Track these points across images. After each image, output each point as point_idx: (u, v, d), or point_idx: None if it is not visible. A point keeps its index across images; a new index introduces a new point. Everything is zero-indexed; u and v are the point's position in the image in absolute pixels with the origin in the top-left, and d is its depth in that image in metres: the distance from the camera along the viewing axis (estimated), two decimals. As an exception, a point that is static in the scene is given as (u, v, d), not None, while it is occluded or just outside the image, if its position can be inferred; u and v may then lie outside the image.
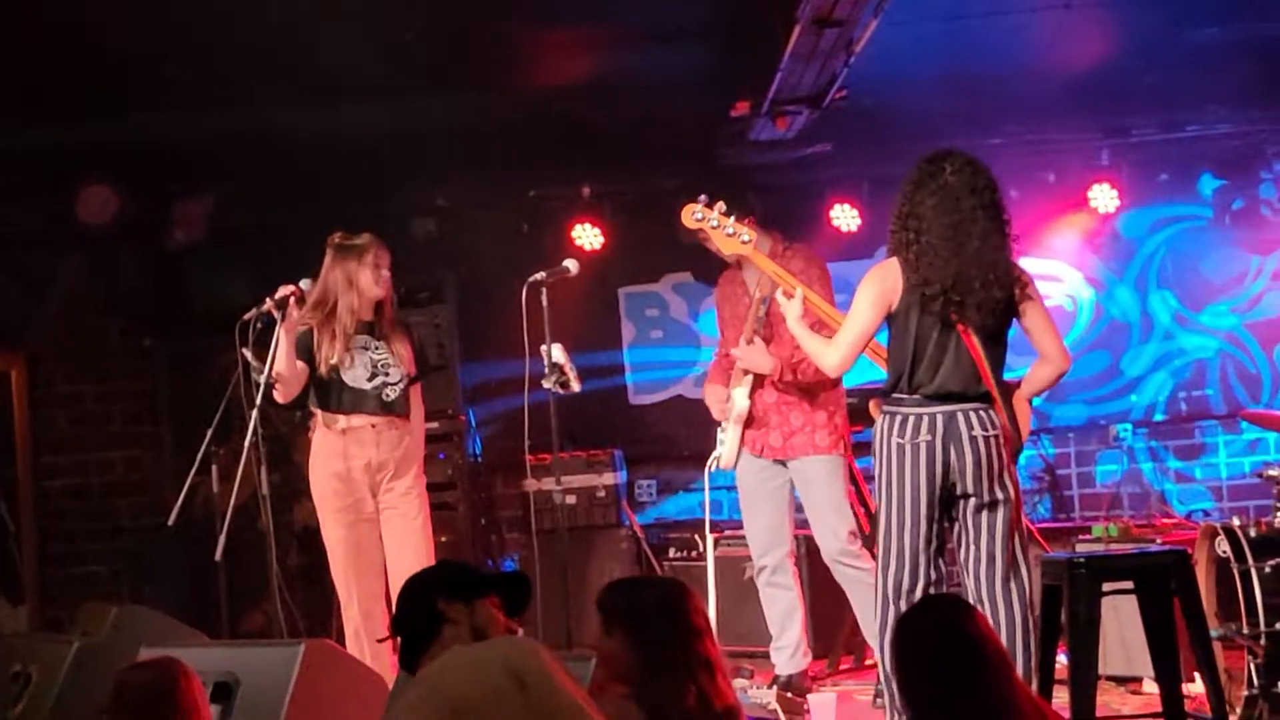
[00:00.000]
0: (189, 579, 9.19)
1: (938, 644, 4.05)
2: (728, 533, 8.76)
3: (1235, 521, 6.57)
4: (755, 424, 7.38)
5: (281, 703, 5.92)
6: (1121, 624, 6.81)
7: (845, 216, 9.76)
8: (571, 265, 7.22)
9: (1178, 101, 9.44)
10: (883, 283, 5.88)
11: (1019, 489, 5.99)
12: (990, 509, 5.85)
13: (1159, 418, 10.17)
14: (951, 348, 5.81)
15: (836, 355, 5.98)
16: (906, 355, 5.85)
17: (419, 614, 4.19)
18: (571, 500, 9.02)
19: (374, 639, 7.05)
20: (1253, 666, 6.30)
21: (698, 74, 8.57)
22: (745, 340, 7.26)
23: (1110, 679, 7.14)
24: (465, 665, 3.83)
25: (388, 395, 7.18)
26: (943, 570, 5.92)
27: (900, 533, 5.86)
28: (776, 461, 7.40)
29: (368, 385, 7.15)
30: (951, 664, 3.99)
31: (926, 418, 5.81)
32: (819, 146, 9.24)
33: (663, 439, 10.27)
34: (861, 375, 6.95)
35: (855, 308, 5.94)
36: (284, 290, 6.95)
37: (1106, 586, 5.76)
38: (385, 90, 8.47)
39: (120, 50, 7.69)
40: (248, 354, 7.01)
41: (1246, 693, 6.31)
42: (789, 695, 7.09)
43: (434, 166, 9.38)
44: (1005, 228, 5.88)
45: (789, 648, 7.49)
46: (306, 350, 7.14)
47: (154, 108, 8.43)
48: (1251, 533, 6.45)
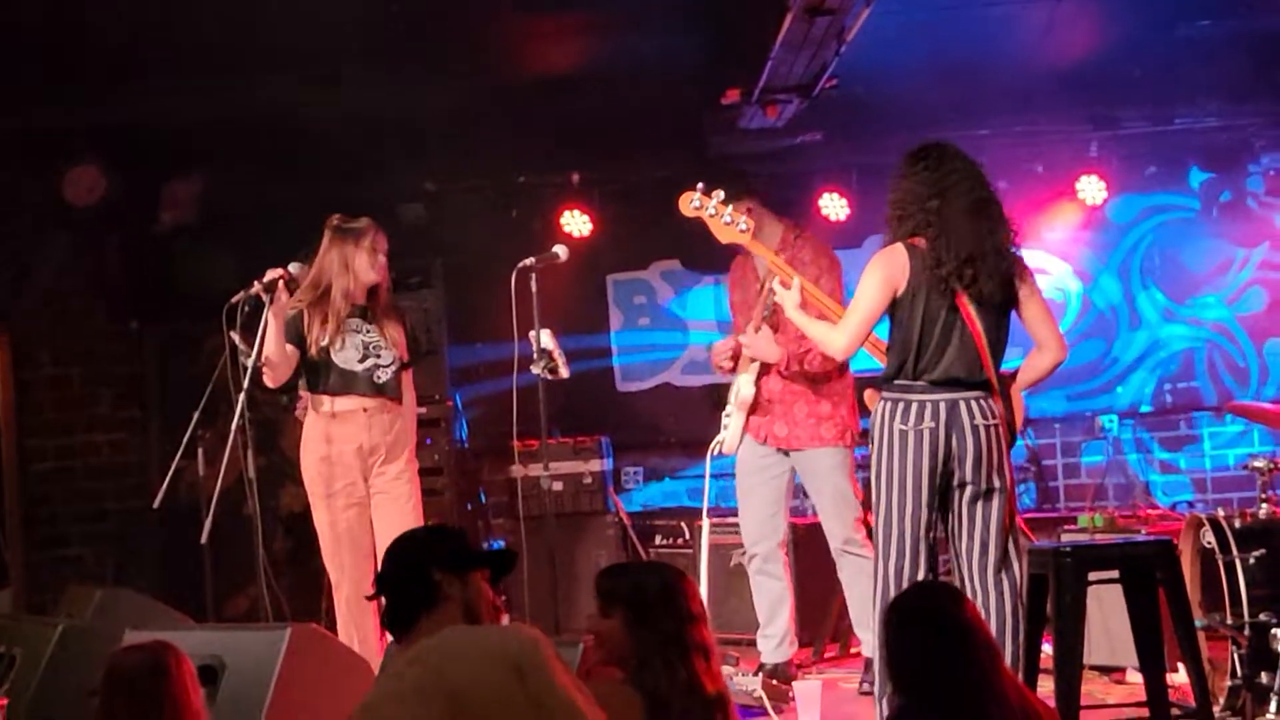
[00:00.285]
0: (174, 563, 9.19)
1: (928, 629, 4.08)
2: (715, 520, 8.76)
3: (1220, 513, 6.60)
4: (760, 410, 7.37)
5: (267, 687, 5.91)
6: (1106, 614, 6.83)
7: (834, 205, 9.76)
8: (561, 251, 7.20)
9: (1167, 94, 9.45)
10: (889, 267, 5.87)
11: (1013, 479, 6.00)
12: (986, 498, 5.85)
13: (1145, 409, 10.18)
14: (957, 333, 5.81)
15: (844, 338, 5.97)
16: (912, 340, 5.83)
17: (412, 581, 4.10)
18: (558, 487, 9.02)
19: (364, 625, 7.04)
20: (1236, 657, 6.32)
21: (689, 61, 8.58)
22: (753, 328, 7.23)
23: (1094, 668, 7.15)
24: (466, 651, 3.81)
25: (379, 377, 7.15)
26: (940, 557, 5.93)
27: (901, 520, 5.85)
28: (780, 450, 7.41)
29: (358, 367, 7.12)
30: (940, 650, 4.02)
31: (930, 405, 5.81)
32: (809, 135, 9.24)
33: (650, 426, 10.28)
34: (859, 364, 6.96)
35: (861, 291, 5.92)
36: (272, 274, 6.92)
37: (1092, 576, 5.77)
38: (376, 75, 8.45)
39: (110, 30, 7.67)
40: (235, 337, 6.99)
41: (1230, 683, 6.33)
42: (775, 683, 7.10)
43: (423, 151, 9.36)
44: (1008, 220, 5.93)
45: (776, 636, 7.49)
46: (297, 333, 7.10)
47: (143, 89, 8.41)
48: (1236, 524, 6.47)
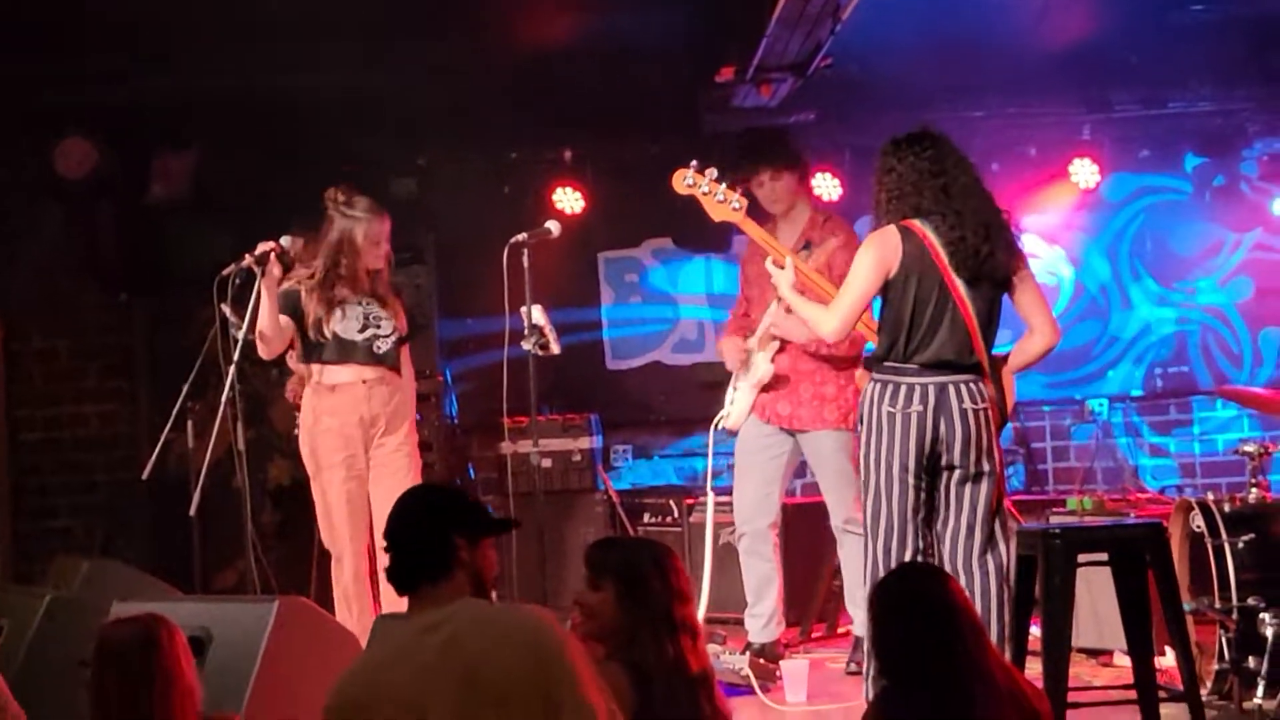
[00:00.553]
0: (162, 535, 9.16)
1: (914, 610, 4.08)
2: (703, 500, 8.76)
3: (1210, 497, 6.61)
4: (765, 388, 7.37)
5: (254, 659, 5.91)
6: (1094, 597, 6.83)
7: (827, 185, 9.72)
8: (553, 227, 7.19)
9: (1160, 78, 9.42)
10: (882, 249, 5.87)
11: (1002, 462, 6.01)
12: (974, 481, 5.87)
13: (1135, 393, 10.18)
14: (948, 315, 5.82)
15: (835, 320, 5.96)
16: (903, 321, 5.84)
17: (430, 542, 3.97)
18: (547, 464, 9.00)
19: (363, 599, 7.04)
20: (1224, 641, 6.33)
21: (683, 39, 8.55)
22: (784, 308, 7.13)
23: (1081, 651, 7.16)
24: (487, 630, 3.76)
25: (378, 348, 7.14)
26: (930, 537, 5.94)
27: (889, 500, 5.89)
28: (783, 430, 7.40)
29: (358, 337, 7.12)
30: (927, 630, 4.01)
31: (919, 388, 5.82)
32: (802, 115, 9.20)
33: (639, 405, 10.26)
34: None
35: (854, 273, 5.92)
36: (264, 246, 6.91)
37: (1081, 558, 5.77)
38: (369, 49, 8.43)
39: (105, 4, 7.65)
40: (226, 310, 6.98)
41: (1217, 667, 6.35)
42: (762, 662, 7.11)
43: (415, 127, 9.33)
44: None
45: (763, 616, 7.50)
46: (294, 307, 7.10)
47: (136, 62, 8.38)
48: (1226, 508, 6.49)
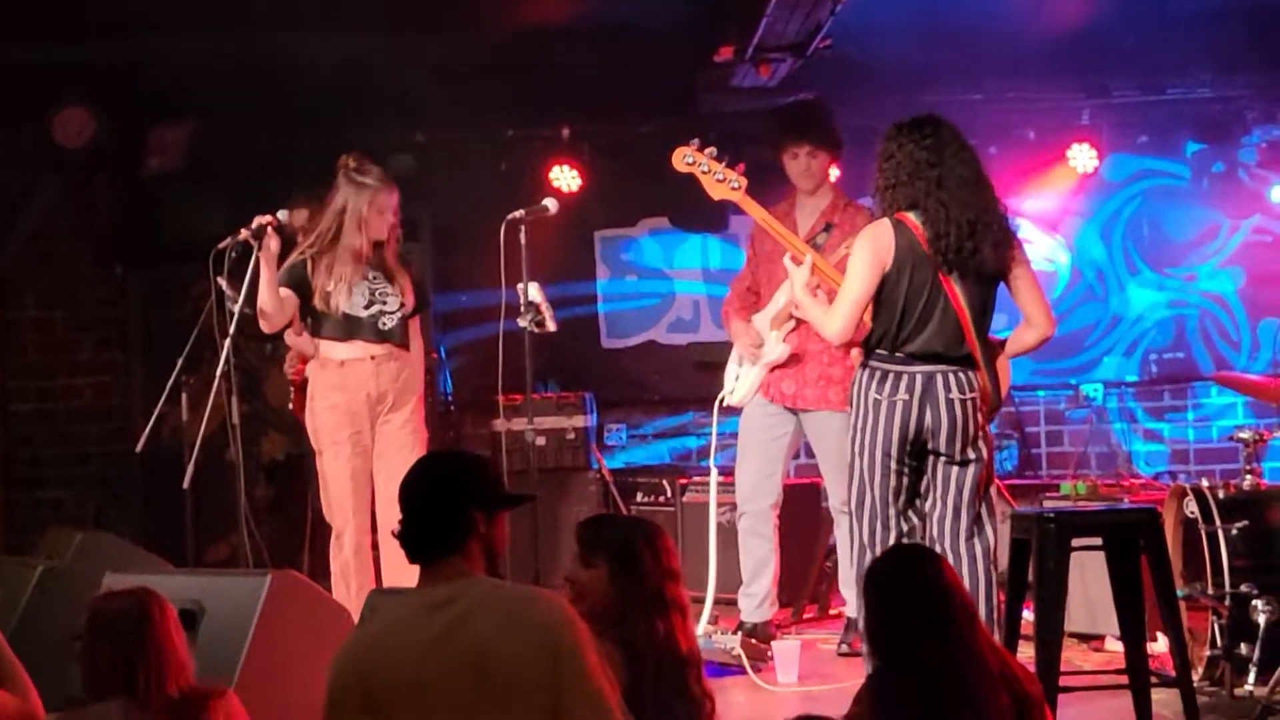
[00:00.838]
0: (155, 507, 9.17)
1: (905, 592, 4.07)
2: (700, 480, 8.77)
3: (1204, 483, 6.61)
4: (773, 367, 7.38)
5: (246, 632, 5.91)
6: (1086, 582, 6.84)
7: (824, 166, 9.71)
8: (551, 204, 7.18)
9: (1159, 64, 9.41)
10: (876, 244, 5.87)
11: (991, 449, 6.02)
12: (961, 466, 5.89)
13: (1130, 378, 10.17)
14: (939, 308, 5.82)
15: (837, 324, 5.96)
16: (895, 312, 5.85)
17: (447, 513, 3.88)
18: (541, 442, 8.98)
19: (363, 575, 7.04)
20: (1216, 627, 6.34)
21: (682, 18, 8.52)
22: (810, 291, 7.08)
23: (1073, 636, 7.16)
24: (497, 612, 3.72)
25: (384, 324, 7.13)
26: (915, 521, 5.95)
27: (872, 485, 5.93)
28: (786, 409, 7.39)
29: (364, 313, 7.10)
30: (918, 612, 4.01)
31: (906, 377, 5.83)
32: (801, 96, 9.19)
33: (634, 384, 10.25)
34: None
35: (850, 273, 5.94)
36: (260, 220, 6.89)
37: (1075, 543, 5.77)
38: (368, 24, 8.40)
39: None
40: (222, 283, 6.96)
41: (1209, 653, 6.36)
42: (754, 642, 7.12)
43: (414, 102, 9.30)
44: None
45: (757, 596, 7.51)
46: (301, 280, 7.09)
47: (135, 31, 8.35)
48: (1220, 494, 6.50)
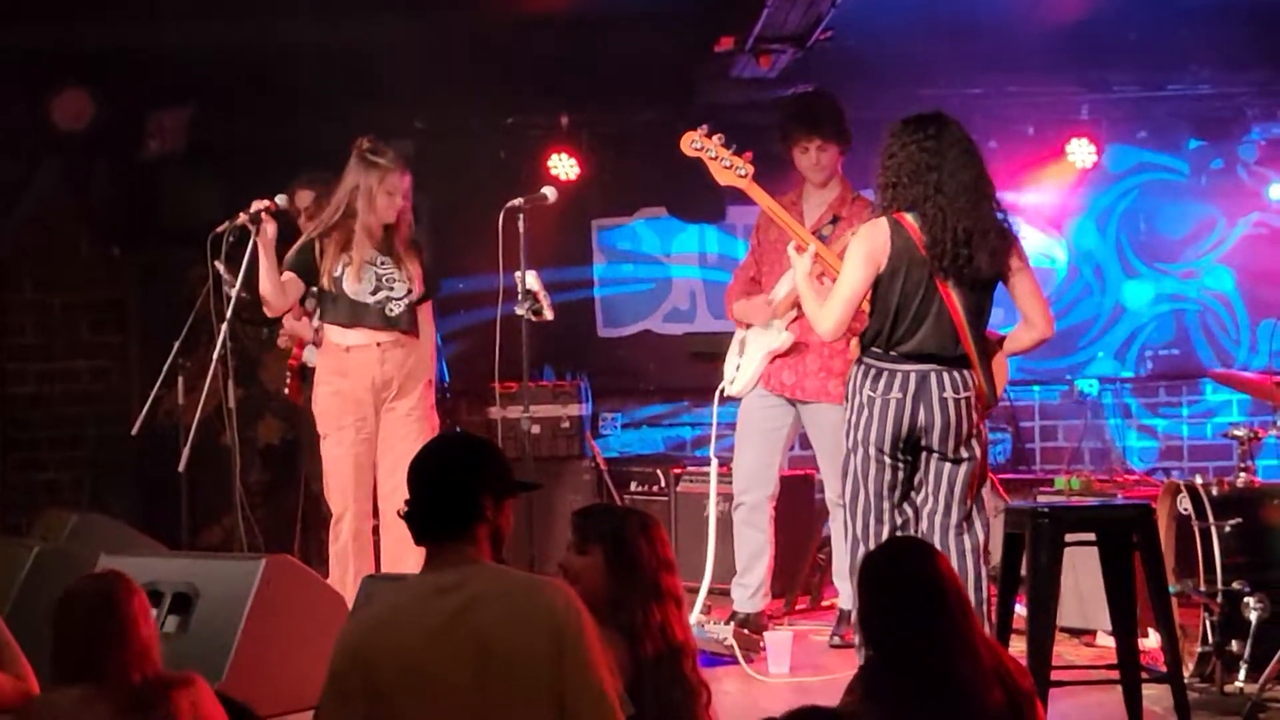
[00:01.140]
0: (150, 490, 9.17)
1: (900, 585, 4.07)
2: (693, 470, 8.78)
3: (1198, 480, 6.62)
4: (774, 356, 7.38)
5: (240, 615, 5.95)
6: (1078, 577, 6.83)
7: (822, 158, 9.71)
8: (550, 192, 7.19)
9: (1160, 60, 9.41)
10: (872, 242, 5.88)
11: (985, 447, 6.03)
12: (954, 463, 5.91)
13: (1125, 374, 10.18)
14: (934, 310, 5.83)
15: (830, 320, 5.97)
16: (889, 314, 5.87)
17: (456, 497, 3.85)
18: (536, 430, 8.98)
19: (361, 559, 7.04)
20: (1208, 623, 6.34)
21: (683, 7, 8.52)
22: (814, 278, 7.07)
23: (1064, 630, 7.17)
24: (504, 602, 3.71)
25: (391, 310, 7.12)
26: (909, 514, 5.96)
27: (865, 480, 5.95)
28: (785, 400, 7.40)
29: (370, 299, 7.10)
30: (913, 605, 4.01)
31: (900, 375, 5.85)
32: (800, 87, 9.19)
33: (630, 373, 10.26)
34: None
35: (845, 269, 5.95)
36: (258, 204, 6.90)
37: (1068, 538, 5.79)
38: (369, 9, 8.40)
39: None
40: (219, 267, 6.98)
41: (1200, 649, 6.36)
42: (746, 632, 7.13)
43: (414, 89, 9.30)
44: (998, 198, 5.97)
45: (751, 587, 7.52)
46: (309, 263, 7.09)
47: (135, 15, 8.34)
48: (1214, 491, 6.49)
